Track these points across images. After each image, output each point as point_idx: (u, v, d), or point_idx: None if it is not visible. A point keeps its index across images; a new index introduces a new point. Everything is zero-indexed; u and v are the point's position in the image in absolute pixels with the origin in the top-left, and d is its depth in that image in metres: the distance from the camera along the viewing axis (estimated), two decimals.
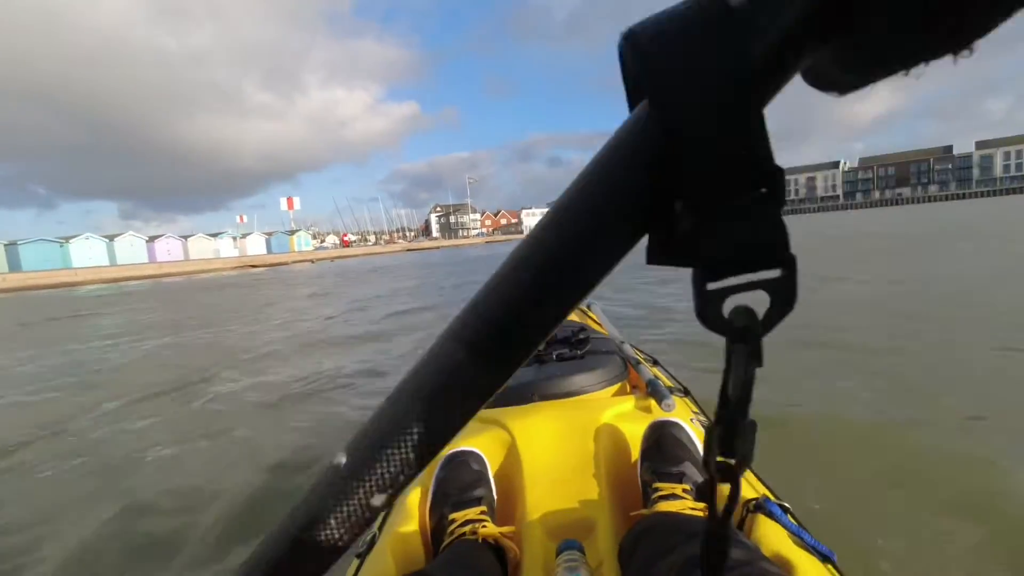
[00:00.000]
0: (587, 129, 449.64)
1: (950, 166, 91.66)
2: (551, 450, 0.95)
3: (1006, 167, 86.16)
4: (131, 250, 44.88)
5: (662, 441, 0.87)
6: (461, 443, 0.96)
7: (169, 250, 47.69)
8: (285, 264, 38.12)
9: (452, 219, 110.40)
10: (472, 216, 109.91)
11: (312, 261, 40.44)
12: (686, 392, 1.29)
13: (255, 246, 56.81)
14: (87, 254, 41.45)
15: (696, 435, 0.90)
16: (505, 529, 0.80)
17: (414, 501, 0.90)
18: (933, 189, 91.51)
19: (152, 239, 47.74)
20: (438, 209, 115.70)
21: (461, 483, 0.88)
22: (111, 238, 44.54)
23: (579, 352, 1.33)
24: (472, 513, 0.82)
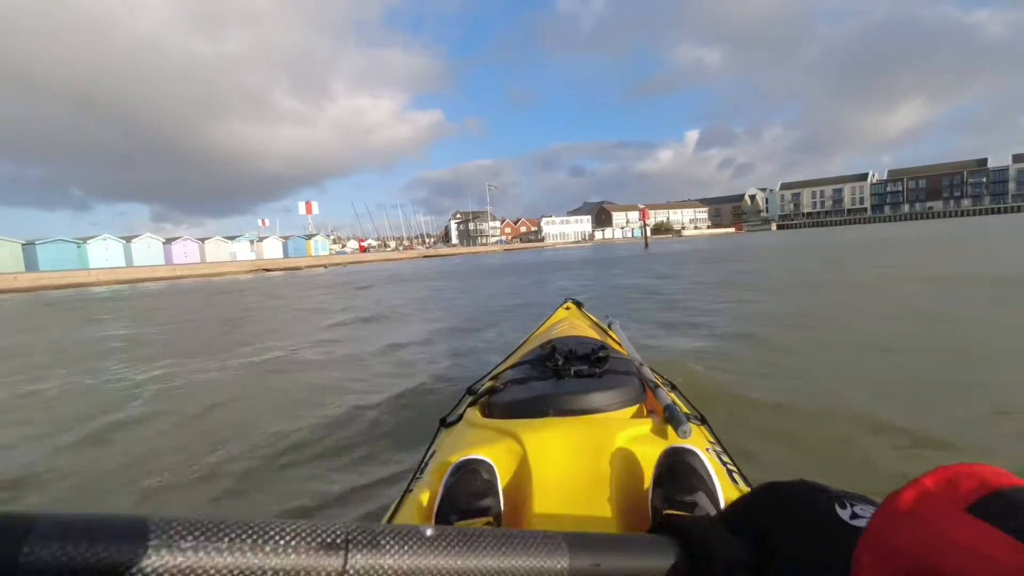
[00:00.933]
0: (610, 139, 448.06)
1: (984, 179, 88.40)
2: (563, 466, 0.95)
3: None
4: (148, 252, 45.21)
5: (676, 468, 0.86)
6: (473, 451, 0.97)
7: (186, 252, 47.97)
8: (299, 268, 38.02)
9: (471, 226, 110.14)
10: (492, 223, 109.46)
11: (325, 266, 40.28)
12: (703, 420, 1.25)
13: (272, 250, 56.96)
14: (104, 255, 41.83)
15: (711, 465, 0.89)
16: None
17: (421, 505, 0.91)
18: (966, 203, 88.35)
19: (169, 241, 48.02)
20: (458, 216, 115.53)
21: (470, 491, 0.88)
22: (128, 239, 44.89)
23: (598, 370, 1.30)
24: (478, 523, 0.82)
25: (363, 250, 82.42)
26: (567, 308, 2.54)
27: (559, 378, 1.29)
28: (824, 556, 0.29)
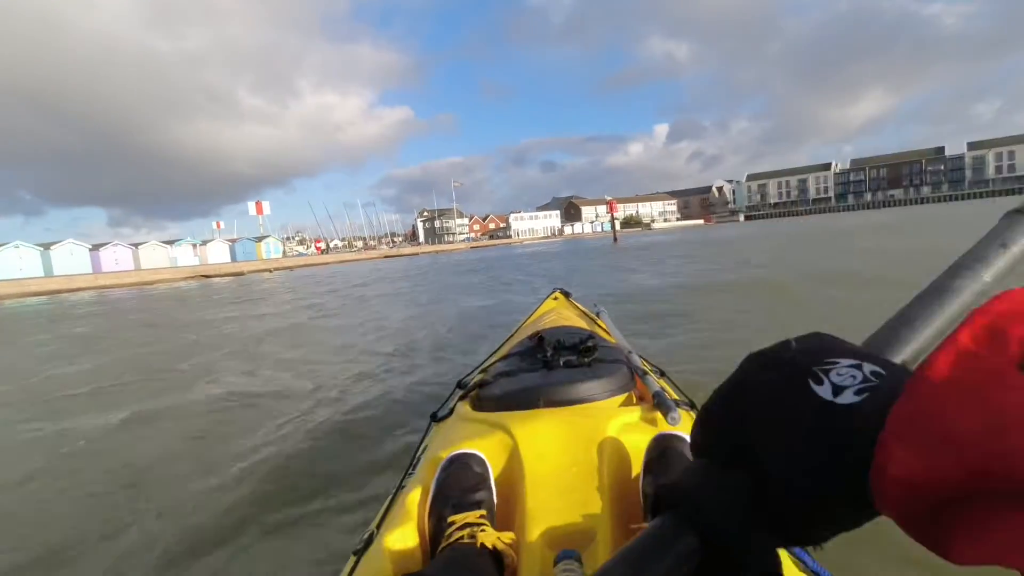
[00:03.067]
0: (581, 133, 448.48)
1: (942, 167, 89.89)
2: (554, 457, 0.96)
3: (998, 168, 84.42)
4: (71, 260, 40.94)
5: (666, 454, 0.87)
6: (464, 445, 0.98)
7: (117, 260, 43.79)
8: (242, 274, 35.11)
9: (437, 224, 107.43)
10: (459, 221, 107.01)
11: (270, 271, 37.40)
12: (692, 406, 1.27)
13: (217, 254, 53.06)
14: (16, 265, 37.71)
15: None
16: (504, 535, 0.80)
17: (414, 501, 0.92)
18: (926, 191, 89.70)
19: (96, 247, 43.74)
20: (424, 214, 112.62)
21: (462, 485, 0.89)
22: (47, 247, 40.59)
23: (586, 360, 1.32)
24: (471, 516, 0.82)
25: (320, 251, 79.09)
26: (555, 298, 2.54)
27: (548, 369, 1.28)
28: (812, 457, 0.22)
